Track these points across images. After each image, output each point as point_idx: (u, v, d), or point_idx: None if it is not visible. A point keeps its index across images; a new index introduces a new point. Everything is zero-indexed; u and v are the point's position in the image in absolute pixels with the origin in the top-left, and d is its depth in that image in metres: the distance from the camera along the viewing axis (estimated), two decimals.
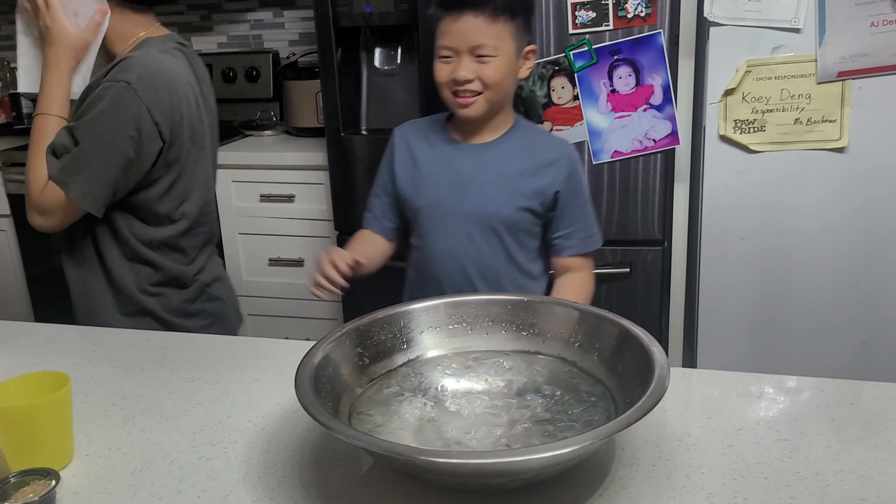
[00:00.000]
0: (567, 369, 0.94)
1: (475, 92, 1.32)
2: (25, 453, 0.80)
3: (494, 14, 1.29)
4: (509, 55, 1.33)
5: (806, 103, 1.79)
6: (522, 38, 1.35)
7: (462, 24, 1.29)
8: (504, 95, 1.37)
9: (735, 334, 2.00)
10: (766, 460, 0.82)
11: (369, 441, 0.72)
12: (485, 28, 1.29)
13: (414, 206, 1.43)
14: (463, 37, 1.30)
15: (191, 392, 1.02)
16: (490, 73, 1.31)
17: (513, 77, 1.37)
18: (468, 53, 1.30)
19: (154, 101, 1.34)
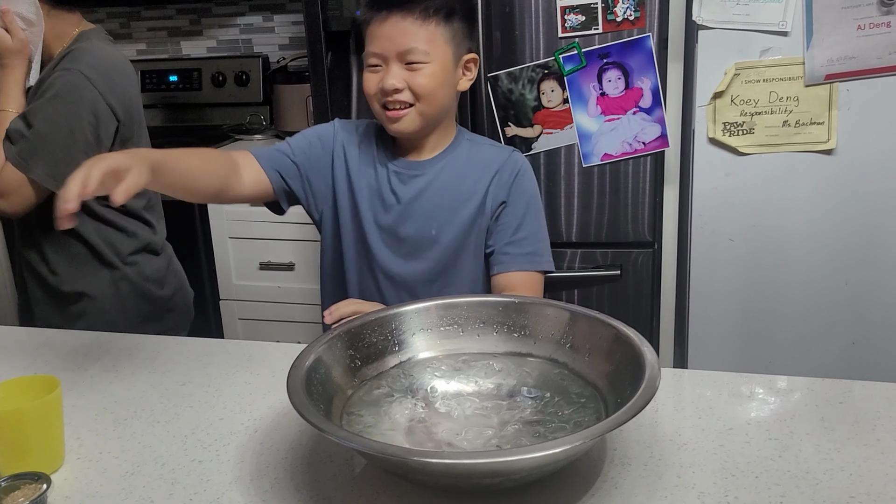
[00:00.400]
0: (557, 371, 0.94)
1: (405, 103, 1.19)
2: (16, 457, 0.80)
3: (425, 15, 1.17)
4: (444, 62, 1.19)
5: (794, 106, 1.80)
6: (461, 44, 1.22)
7: (389, 26, 1.17)
8: (440, 109, 1.22)
9: (725, 335, 2.01)
10: (757, 459, 0.82)
11: (361, 442, 0.72)
12: (414, 31, 1.16)
13: (336, 220, 1.29)
14: (391, 41, 1.17)
15: (182, 395, 1.02)
16: (421, 81, 1.17)
17: (450, 88, 1.22)
18: (397, 60, 1.17)
19: (105, 85, 1.45)
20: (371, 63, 1.20)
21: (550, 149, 2.01)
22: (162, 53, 3.00)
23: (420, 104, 1.19)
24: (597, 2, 1.87)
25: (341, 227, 1.29)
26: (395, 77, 1.17)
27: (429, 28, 1.17)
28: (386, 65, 1.18)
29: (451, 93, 1.24)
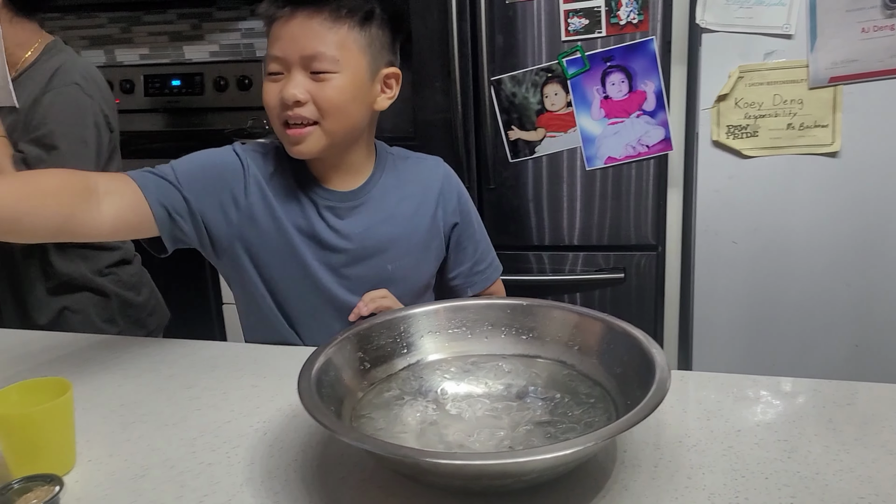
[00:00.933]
0: (566, 372, 0.94)
1: (308, 120, 1.02)
2: (29, 459, 0.80)
3: (336, 15, 1.00)
4: (356, 73, 1.03)
5: (798, 108, 1.81)
6: (379, 55, 1.06)
7: (294, 26, 1.00)
8: (349, 128, 1.06)
9: (729, 337, 2.01)
10: (766, 461, 0.82)
11: (374, 444, 0.72)
12: (323, 33, 1.00)
13: (265, 275, 1.13)
14: (294, 43, 1.00)
15: (189, 398, 1.02)
16: (328, 93, 1.01)
17: (362, 105, 1.06)
18: (301, 67, 1.01)
19: (99, 96, 1.52)
20: (271, 70, 1.03)
21: (553, 152, 2.01)
22: (164, 58, 3.01)
23: (325, 122, 1.03)
24: (600, 5, 1.88)
25: (269, 269, 1.13)
26: (296, 86, 1.00)
27: (340, 32, 1.01)
28: (288, 72, 1.02)
29: (363, 111, 1.07)
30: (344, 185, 1.13)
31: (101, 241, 1.07)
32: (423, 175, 1.20)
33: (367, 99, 1.07)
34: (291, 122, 1.03)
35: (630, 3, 1.86)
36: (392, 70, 1.10)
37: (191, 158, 1.10)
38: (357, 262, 1.14)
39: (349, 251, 1.13)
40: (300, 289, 1.15)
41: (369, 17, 1.04)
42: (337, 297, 1.15)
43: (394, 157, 1.19)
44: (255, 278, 1.14)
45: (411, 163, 1.21)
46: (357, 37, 1.03)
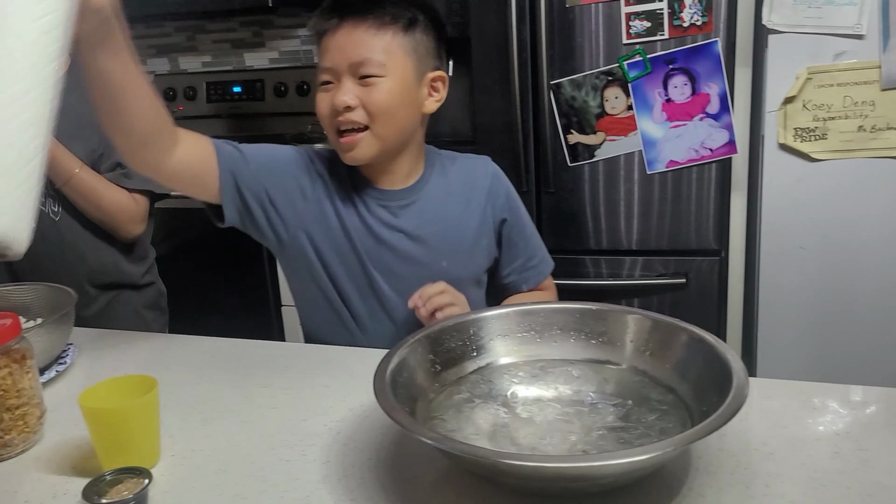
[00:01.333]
0: (637, 378, 0.94)
1: (359, 125, 1.06)
2: (118, 453, 0.83)
3: (381, 23, 1.04)
4: (403, 77, 1.06)
5: (870, 110, 1.76)
6: (424, 59, 1.09)
7: (341, 36, 1.04)
8: (399, 131, 1.10)
9: (795, 345, 1.97)
10: (847, 470, 0.81)
11: (452, 445, 0.73)
12: (368, 40, 1.04)
13: (320, 255, 1.16)
14: (342, 52, 1.04)
15: (265, 397, 1.05)
16: (377, 97, 1.04)
17: (411, 108, 1.09)
18: (349, 74, 1.04)
19: None
20: (323, 80, 1.07)
21: (613, 156, 2.00)
22: (226, 65, 3.08)
23: (375, 125, 1.06)
24: (663, 7, 1.86)
25: (332, 265, 1.17)
26: (346, 92, 1.04)
27: (385, 37, 1.04)
28: (338, 81, 1.06)
29: (412, 113, 1.10)
30: (395, 186, 1.17)
31: (160, 179, 1.03)
32: (471, 174, 1.22)
33: (415, 102, 1.10)
34: (343, 129, 1.07)
35: (694, 5, 1.84)
36: (438, 74, 1.13)
37: (260, 146, 1.13)
38: (408, 260, 1.17)
39: (400, 249, 1.16)
40: (359, 287, 1.19)
41: (413, 23, 1.08)
42: (390, 298, 1.19)
43: (443, 159, 1.23)
44: (320, 273, 1.18)
45: (460, 163, 1.24)
46: (402, 42, 1.06)
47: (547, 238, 2.13)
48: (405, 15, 1.07)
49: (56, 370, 1.12)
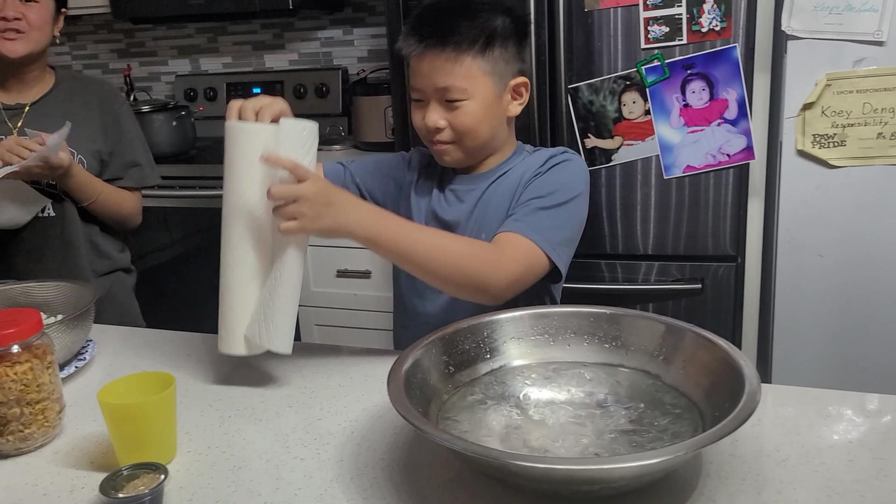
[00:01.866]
0: (650, 382, 0.94)
1: (448, 141, 1.16)
2: (136, 448, 0.84)
3: (458, 50, 1.11)
4: (486, 96, 1.14)
5: (890, 117, 1.74)
6: (505, 71, 1.15)
7: (425, 64, 1.13)
8: (485, 142, 1.19)
9: (812, 353, 1.95)
10: (862, 478, 0.80)
11: (465, 445, 0.73)
12: (450, 68, 1.11)
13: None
14: (427, 79, 1.13)
15: (280, 396, 1.06)
16: (462, 119, 1.13)
17: (495, 120, 1.17)
18: (435, 97, 1.14)
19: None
20: (414, 98, 1.18)
21: (630, 160, 2.00)
22: (246, 66, 3.11)
23: (462, 141, 1.16)
24: (681, 13, 1.86)
25: None
26: (434, 116, 1.14)
27: (465, 63, 1.11)
28: (427, 101, 1.16)
29: (497, 122, 1.18)
30: (474, 173, 1.25)
31: None
32: (540, 158, 1.22)
33: (499, 112, 1.18)
34: (434, 142, 1.18)
35: (713, 11, 1.84)
36: (521, 80, 1.19)
37: (367, 156, 1.36)
38: (458, 229, 1.22)
39: (456, 227, 1.22)
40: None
41: (490, 42, 1.13)
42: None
43: (528, 153, 1.25)
44: None
45: (540, 153, 1.25)
46: (481, 64, 1.13)
47: None
48: (481, 36, 1.12)
49: (76, 366, 1.14)
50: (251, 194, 1.05)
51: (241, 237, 1.06)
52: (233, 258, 1.07)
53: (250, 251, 1.07)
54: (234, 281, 1.07)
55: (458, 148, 1.18)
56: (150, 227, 2.59)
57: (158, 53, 3.23)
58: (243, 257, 1.06)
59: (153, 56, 3.24)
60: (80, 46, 3.33)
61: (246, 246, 1.06)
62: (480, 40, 1.12)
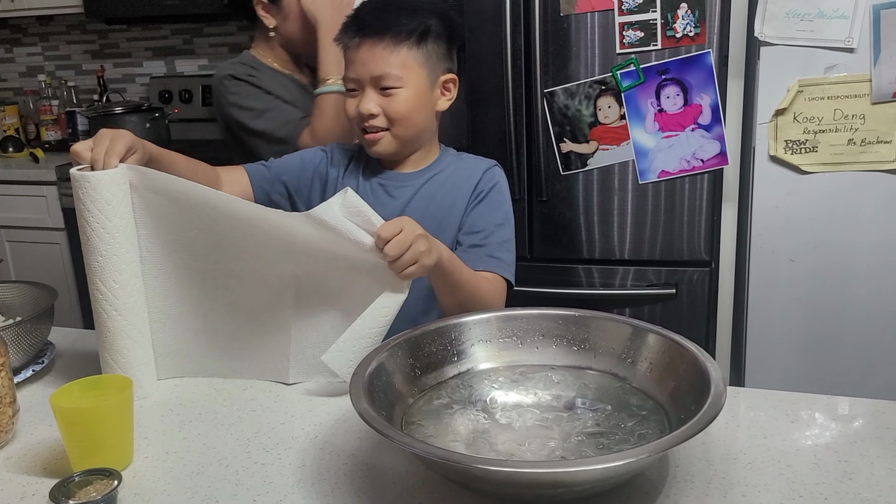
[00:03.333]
0: (618, 385, 0.93)
1: (381, 128, 1.21)
2: (89, 453, 0.82)
3: (396, 40, 1.17)
4: (418, 86, 1.19)
5: (860, 124, 1.76)
6: (437, 66, 1.22)
7: (363, 52, 1.18)
8: (417, 131, 1.23)
9: (785, 357, 1.96)
10: (826, 481, 0.80)
11: (425, 449, 0.72)
12: (386, 56, 1.17)
13: None
14: (364, 67, 1.18)
15: (244, 400, 1.04)
16: (396, 106, 1.18)
17: (426, 110, 1.23)
18: (371, 85, 1.19)
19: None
20: (349, 88, 1.22)
21: (605, 165, 2.00)
22: None
23: (395, 128, 1.21)
24: (656, 18, 1.87)
25: None
26: (369, 103, 1.18)
27: (401, 53, 1.17)
28: (362, 89, 1.20)
29: (427, 115, 1.23)
30: (402, 170, 1.29)
31: None
32: (470, 170, 1.29)
33: (429, 104, 1.24)
34: (368, 129, 1.21)
35: (687, 16, 1.85)
36: (450, 76, 1.25)
37: (297, 152, 1.35)
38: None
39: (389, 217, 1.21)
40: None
41: (425, 35, 1.20)
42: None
43: (454, 157, 1.33)
44: None
45: (467, 161, 1.32)
46: (416, 55, 1.19)
47: (539, 246, 2.14)
48: (418, 28, 1.19)
49: (33, 369, 1.11)
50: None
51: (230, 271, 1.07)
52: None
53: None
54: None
55: (390, 136, 1.22)
56: None
57: (133, 55, 3.19)
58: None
59: (127, 57, 3.20)
60: (52, 47, 3.28)
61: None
62: (416, 33, 1.18)
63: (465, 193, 1.26)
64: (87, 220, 0.99)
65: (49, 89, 3.18)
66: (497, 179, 1.29)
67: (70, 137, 3.12)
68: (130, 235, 1.02)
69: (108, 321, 1.02)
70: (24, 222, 2.79)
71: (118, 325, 1.02)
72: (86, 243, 1.00)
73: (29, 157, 2.99)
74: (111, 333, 1.02)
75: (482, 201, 1.26)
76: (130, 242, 1.02)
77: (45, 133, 3.20)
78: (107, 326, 1.02)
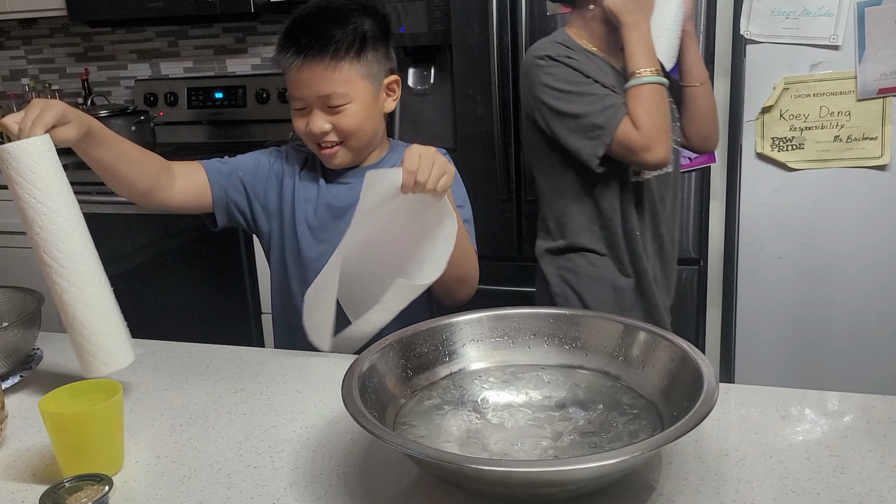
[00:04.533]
0: (610, 383, 0.93)
1: (335, 142, 1.21)
2: (79, 459, 0.81)
3: (337, 57, 1.15)
4: (364, 98, 1.20)
5: (846, 120, 1.77)
6: (379, 72, 1.22)
7: (305, 73, 1.16)
8: (370, 139, 1.25)
9: (773, 354, 1.97)
10: (818, 476, 0.80)
11: (418, 449, 0.72)
12: (329, 76, 1.16)
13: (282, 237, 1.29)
14: (309, 87, 1.17)
15: (235, 403, 1.03)
16: (346, 122, 1.19)
17: (375, 117, 1.24)
18: (318, 105, 1.18)
19: None
20: (296, 106, 1.21)
21: None
22: (208, 71, 3.07)
23: (349, 141, 1.21)
24: None
25: (286, 243, 1.30)
26: (319, 121, 1.18)
27: (342, 70, 1.16)
28: (310, 108, 1.19)
29: (377, 120, 1.25)
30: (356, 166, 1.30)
31: (168, 210, 1.23)
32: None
33: (377, 109, 1.25)
34: (323, 145, 1.22)
35: None
36: (393, 78, 1.26)
37: (252, 153, 1.33)
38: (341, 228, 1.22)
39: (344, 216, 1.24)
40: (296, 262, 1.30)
41: (363, 47, 1.18)
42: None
43: (402, 148, 1.29)
44: (276, 253, 1.32)
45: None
46: (358, 68, 1.18)
47: (528, 246, 2.14)
48: (354, 40, 1.17)
49: (21, 375, 1.10)
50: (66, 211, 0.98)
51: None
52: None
53: None
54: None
55: (345, 149, 1.23)
56: (110, 233, 2.53)
57: (117, 57, 3.17)
58: None
59: (112, 60, 3.18)
60: (35, 50, 3.26)
61: None
62: (355, 46, 1.17)
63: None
64: (17, 194, 0.94)
65: (33, 93, 3.15)
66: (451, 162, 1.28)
67: None
68: (66, 202, 0.96)
69: (63, 294, 0.96)
70: (7, 227, 2.76)
71: (73, 296, 0.96)
72: (23, 219, 0.95)
73: None
74: (69, 306, 0.96)
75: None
76: (68, 209, 0.96)
77: None
78: (62, 300, 0.96)
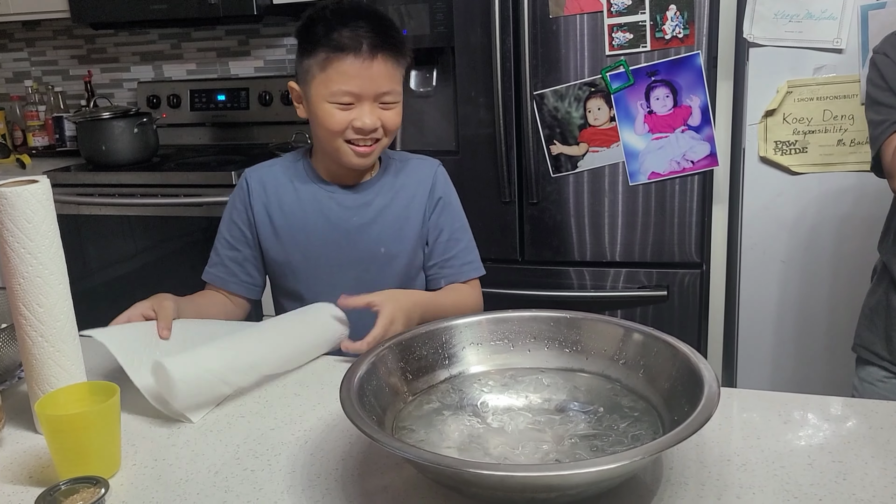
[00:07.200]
0: (610, 386, 0.93)
1: (376, 139, 1.22)
2: (76, 461, 0.81)
3: (402, 58, 1.21)
4: (401, 99, 1.25)
5: (849, 124, 1.76)
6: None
7: (375, 68, 1.17)
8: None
9: (776, 359, 1.96)
10: (820, 482, 0.79)
11: (416, 453, 0.71)
12: (392, 73, 1.19)
13: (283, 259, 1.30)
14: (373, 82, 1.17)
15: (233, 406, 1.03)
16: (393, 119, 1.22)
17: None
18: (372, 100, 1.19)
19: None
20: (343, 101, 1.18)
21: (596, 167, 2.00)
22: (211, 73, 3.07)
23: (385, 139, 1.24)
24: (645, 20, 1.87)
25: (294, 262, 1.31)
26: (372, 117, 1.19)
27: (401, 70, 1.22)
28: (359, 103, 1.19)
29: None
30: (350, 181, 1.31)
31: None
32: (419, 174, 1.34)
33: None
34: (360, 143, 1.22)
35: (676, 18, 1.85)
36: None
37: (226, 215, 1.35)
38: (353, 244, 1.29)
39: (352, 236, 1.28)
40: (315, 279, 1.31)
41: (408, 52, 1.24)
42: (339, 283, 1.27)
43: (395, 161, 1.36)
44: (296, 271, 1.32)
45: (411, 164, 1.36)
46: (402, 72, 1.23)
47: (530, 249, 2.13)
48: (406, 46, 1.22)
49: (18, 376, 1.09)
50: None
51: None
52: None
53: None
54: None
55: (379, 147, 1.24)
56: (112, 235, 2.53)
57: (120, 60, 3.17)
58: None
59: (115, 62, 3.18)
60: (38, 52, 3.26)
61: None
62: (406, 50, 1.22)
63: (422, 199, 1.32)
64: (5, 240, 0.90)
65: (36, 95, 3.16)
66: (448, 181, 1.36)
67: (57, 143, 3.10)
68: (55, 255, 0.93)
69: (34, 348, 0.92)
70: None
71: (45, 351, 0.93)
72: (6, 265, 0.92)
73: (16, 163, 2.96)
74: (38, 361, 0.92)
75: (444, 209, 1.33)
76: (55, 263, 0.93)
77: (31, 139, 3.17)
78: (32, 354, 0.92)
